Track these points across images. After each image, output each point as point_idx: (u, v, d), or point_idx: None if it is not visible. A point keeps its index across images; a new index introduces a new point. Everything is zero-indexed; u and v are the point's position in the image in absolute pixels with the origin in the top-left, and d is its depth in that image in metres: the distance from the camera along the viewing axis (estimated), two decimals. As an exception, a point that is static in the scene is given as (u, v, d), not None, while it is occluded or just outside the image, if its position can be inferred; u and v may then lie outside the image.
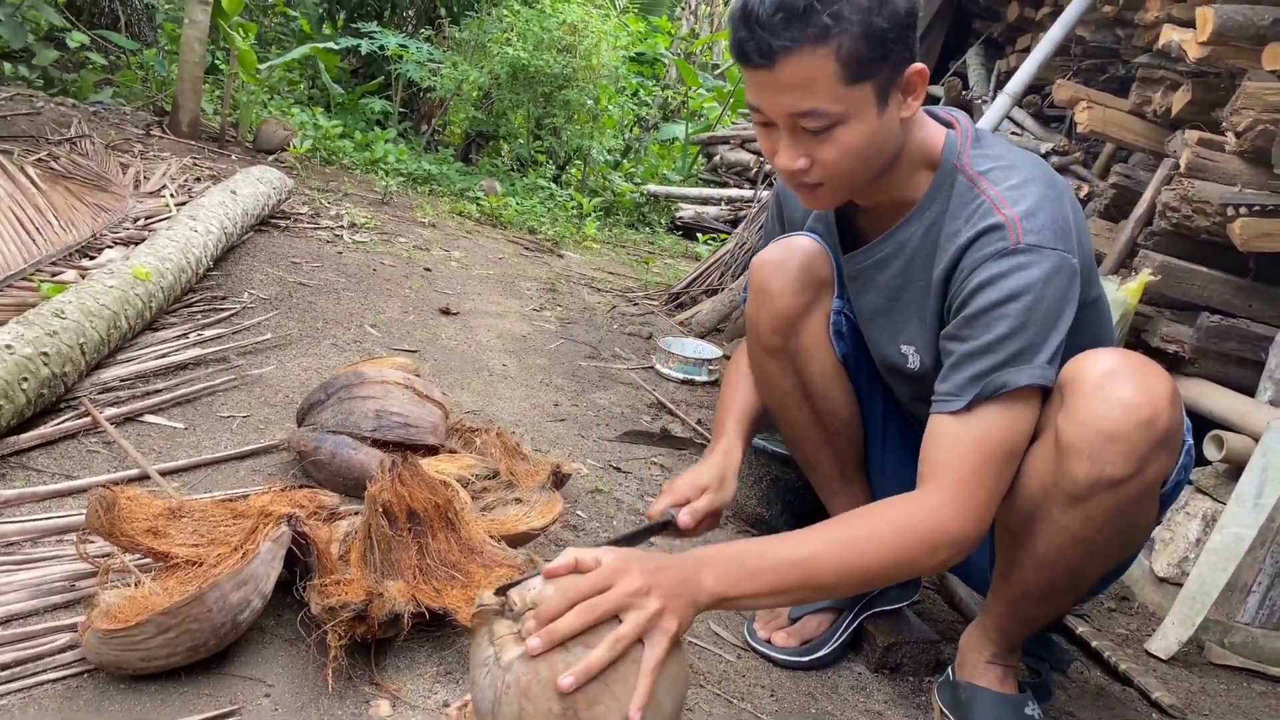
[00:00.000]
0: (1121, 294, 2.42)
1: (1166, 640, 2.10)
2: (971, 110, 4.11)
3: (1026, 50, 3.38)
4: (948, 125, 1.49)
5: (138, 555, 1.48)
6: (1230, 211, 2.47)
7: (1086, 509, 1.34)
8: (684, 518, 1.52)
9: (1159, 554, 2.33)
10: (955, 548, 1.27)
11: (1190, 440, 1.42)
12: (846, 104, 1.28)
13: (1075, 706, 1.79)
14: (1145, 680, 1.90)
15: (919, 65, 1.34)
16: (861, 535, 1.27)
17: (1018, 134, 3.74)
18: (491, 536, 1.70)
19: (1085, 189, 3.24)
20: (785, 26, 1.23)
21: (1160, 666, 2.05)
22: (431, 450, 2.04)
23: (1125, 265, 2.77)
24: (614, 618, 1.12)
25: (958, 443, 1.30)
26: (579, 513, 2.15)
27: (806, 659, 1.73)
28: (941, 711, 1.62)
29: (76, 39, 6.42)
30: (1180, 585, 2.18)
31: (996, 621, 1.57)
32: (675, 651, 1.15)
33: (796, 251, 1.66)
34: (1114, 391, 1.28)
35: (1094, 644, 2.00)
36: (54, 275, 2.58)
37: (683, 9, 12.19)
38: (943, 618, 2.05)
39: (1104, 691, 1.88)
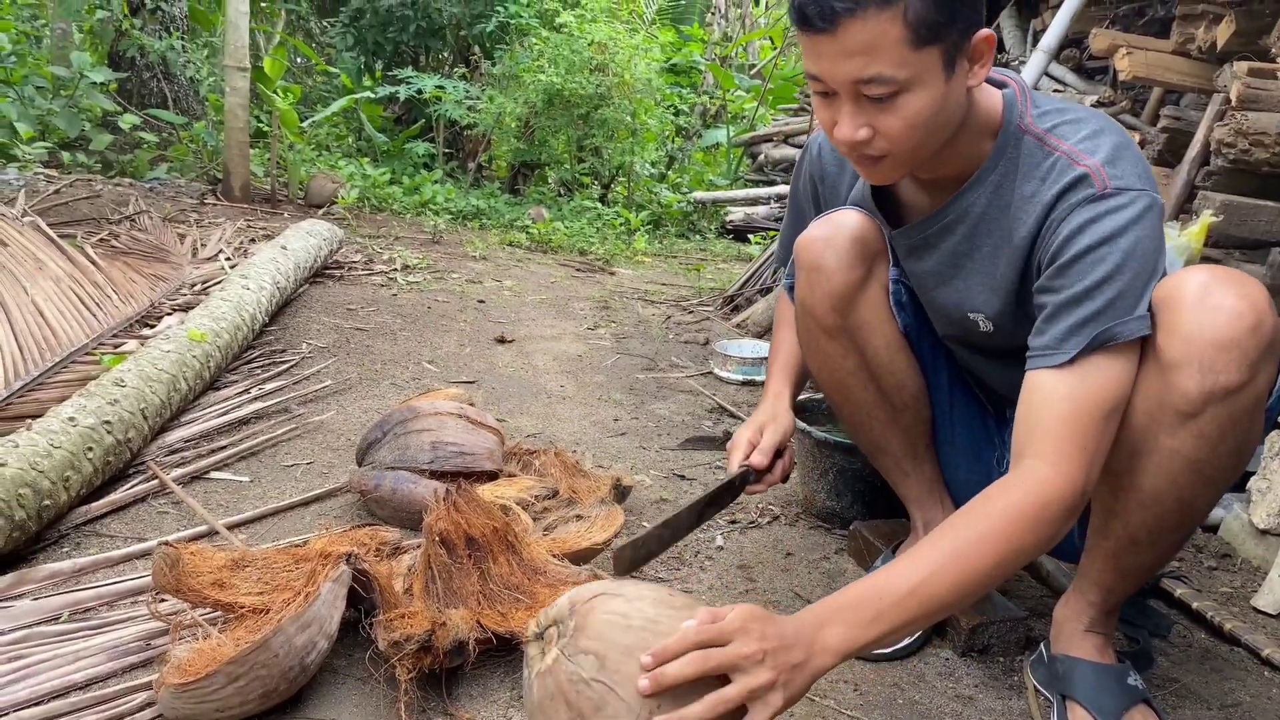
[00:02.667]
0: (1184, 239, 2.31)
1: (1275, 594, 1.98)
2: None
3: (1059, 6, 3.28)
4: (1000, 86, 1.43)
5: (206, 609, 1.50)
6: (1291, 139, 2.36)
7: (1200, 425, 1.27)
8: (756, 458, 1.56)
9: (1257, 505, 2.22)
10: (1069, 515, 1.21)
11: None
12: (913, 69, 1.22)
13: (1180, 672, 1.70)
14: (1254, 638, 1.79)
15: (987, 31, 1.27)
16: (972, 539, 1.19)
17: (1060, 90, 3.63)
18: (553, 555, 1.69)
19: (1137, 137, 3.13)
20: None
21: (1270, 622, 1.94)
22: (490, 476, 2.04)
23: (1185, 210, 2.66)
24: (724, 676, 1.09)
25: (1060, 402, 1.24)
26: (644, 523, 2.13)
27: (889, 649, 1.67)
28: (1036, 689, 1.55)
29: (128, 120, 6.66)
30: (1283, 536, 2.07)
31: (1098, 579, 1.48)
32: None
33: (845, 225, 1.60)
34: (1218, 300, 1.22)
35: (1195, 605, 1.90)
36: (115, 347, 2.66)
37: (713, 14, 12.17)
38: (1029, 594, 1.97)
39: (1210, 653, 1.78)
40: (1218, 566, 2.17)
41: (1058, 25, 3.01)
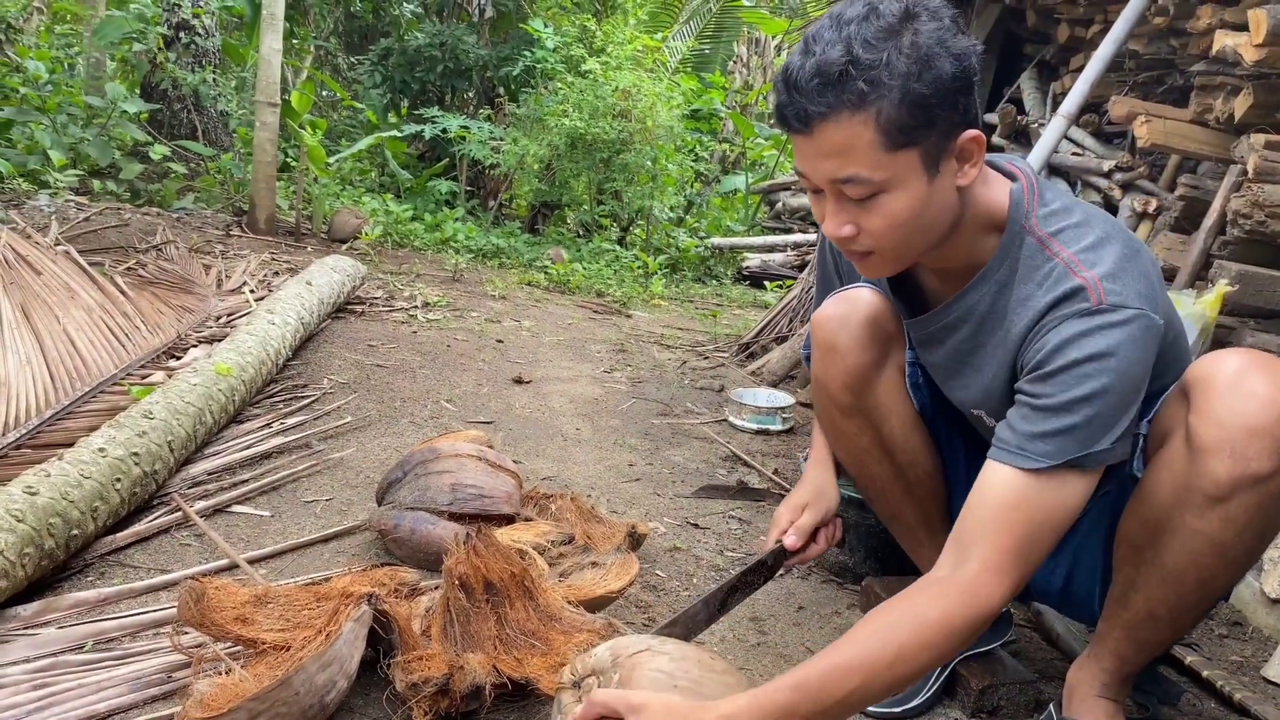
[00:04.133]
0: (1199, 307, 2.35)
1: (1285, 665, 1.99)
2: (1029, 136, 4.06)
3: (1080, 70, 3.33)
4: (1010, 176, 1.43)
5: (228, 644, 1.53)
6: (1306, 213, 2.39)
7: (1227, 510, 1.28)
8: (790, 539, 1.56)
9: (1269, 574, 2.23)
10: (994, 617, 1.26)
11: None
12: (889, 171, 1.23)
13: (1189, 741, 1.71)
14: (1263, 709, 1.80)
15: (974, 132, 1.27)
16: (904, 647, 1.21)
17: (1078, 154, 3.68)
18: (569, 602, 1.71)
19: (1153, 203, 3.17)
20: (821, 92, 1.20)
21: (1279, 694, 1.95)
22: (507, 519, 2.07)
23: (1200, 278, 2.69)
24: None
25: (1014, 510, 1.27)
26: (658, 572, 2.15)
27: (899, 710, 1.68)
28: (1044, 754, 1.56)
29: (158, 151, 6.78)
30: (1294, 606, 2.07)
31: (1114, 648, 1.49)
32: None
33: (860, 305, 1.61)
34: (1252, 386, 1.25)
35: (1205, 674, 1.90)
36: (143, 378, 2.71)
37: (735, 62, 12.35)
38: (1040, 657, 1.98)
39: (1219, 724, 1.79)
40: (1228, 635, 2.17)
41: (1078, 91, 3.06)
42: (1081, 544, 1.57)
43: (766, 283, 6.84)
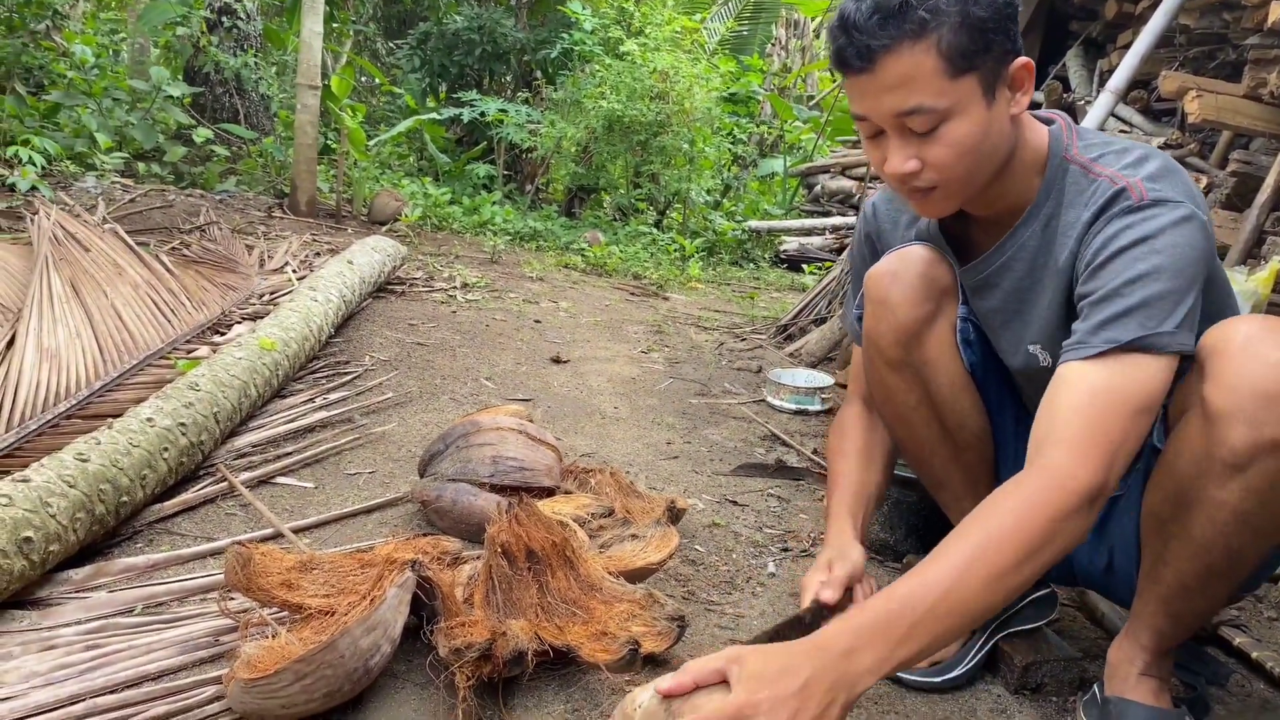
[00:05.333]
0: (1252, 284, 2.30)
1: (1337, 648, 1.95)
2: (1075, 113, 3.99)
3: (1128, 46, 3.26)
4: (1047, 123, 1.46)
5: (274, 608, 1.55)
6: (1364, 188, 2.33)
7: (1247, 479, 1.25)
8: (827, 594, 1.47)
9: (1320, 557, 2.18)
10: (1090, 502, 1.17)
11: None
12: (952, 98, 1.26)
13: (1237, 721, 1.68)
14: (1315, 691, 1.77)
15: (1024, 59, 1.31)
16: (994, 538, 1.14)
17: (1126, 131, 3.61)
18: (609, 573, 1.71)
19: (1204, 181, 3.10)
20: (882, 26, 1.23)
21: (1332, 676, 1.91)
22: (548, 492, 2.08)
23: (1253, 255, 2.63)
24: None
25: (1083, 394, 1.22)
26: (697, 547, 2.15)
27: (939, 679, 1.67)
28: (1089, 730, 1.54)
29: (201, 134, 6.86)
30: (1347, 588, 2.03)
31: (1149, 623, 1.47)
32: None
33: (914, 260, 1.60)
34: (1265, 351, 1.21)
35: (1255, 655, 1.87)
36: (189, 352, 2.75)
37: (773, 45, 12.26)
38: (1085, 635, 1.95)
39: (1269, 704, 1.75)
40: (1278, 618, 2.13)
41: (1126, 66, 3.01)
42: (1121, 522, 1.55)
43: (804, 265, 6.79)
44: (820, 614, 1.50)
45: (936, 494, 1.82)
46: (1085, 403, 1.22)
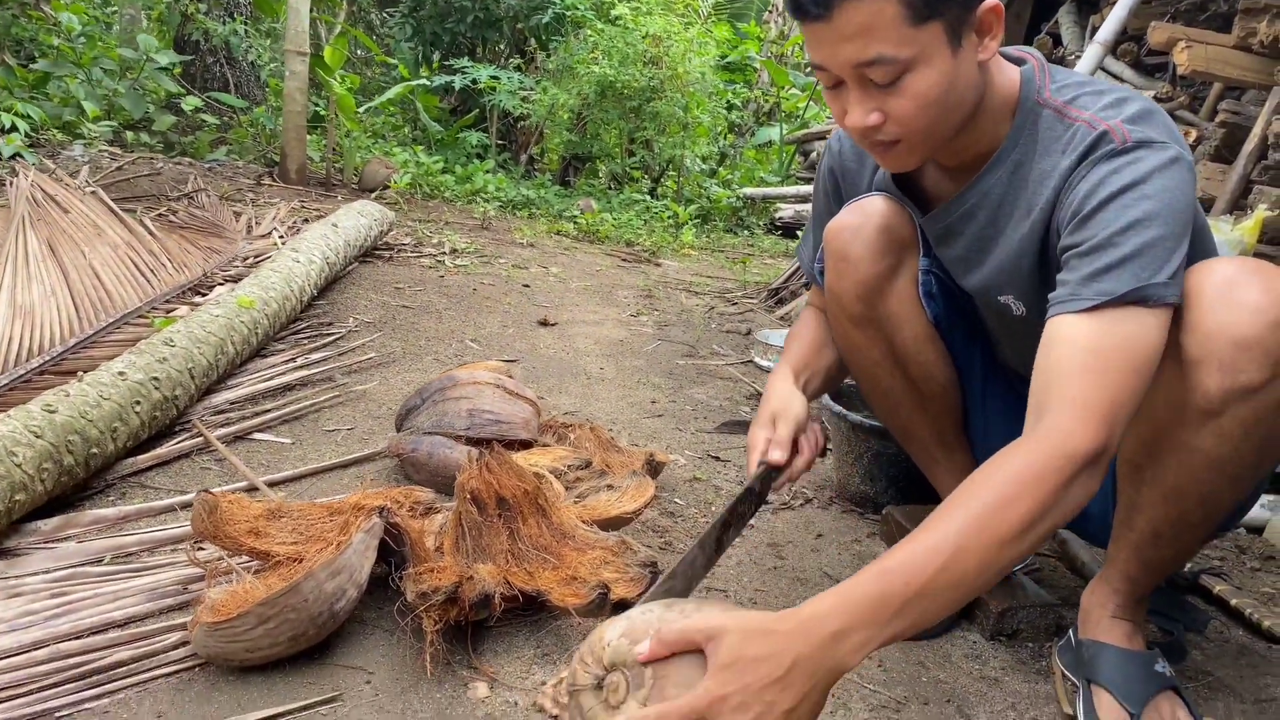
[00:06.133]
0: (1237, 233, 2.27)
1: (1319, 597, 1.94)
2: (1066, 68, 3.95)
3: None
4: (1018, 62, 1.40)
5: (243, 557, 1.53)
6: (1353, 136, 2.30)
7: (1220, 425, 1.23)
8: (773, 454, 1.46)
9: (1305, 508, 2.17)
10: (1093, 466, 1.10)
11: None
12: (914, 47, 1.18)
13: (1214, 666, 1.67)
14: (1294, 637, 1.76)
15: (993, 1, 1.23)
16: (992, 507, 1.06)
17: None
18: (583, 521, 1.70)
19: (1193, 134, 3.07)
20: None
21: (1312, 624, 1.90)
22: (525, 445, 2.06)
23: (1239, 206, 2.60)
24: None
25: (1081, 351, 1.16)
26: (677, 500, 2.14)
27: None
28: (1063, 674, 1.53)
29: (191, 103, 6.80)
30: (1331, 538, 2.02)
31: (1122, 569, 1.46)
32: None
33: (874, 214, 1.57)
34: (1240, 295, 1.18)
35: (1234, 602, 1.86)
36: (168, 311, 2.72)
37: (770, 12, 12.14)
38: (1065, 584, 1.94)
39: (1247, 650, 1.74)
40: (1261, 568, 2.12)
41: (1115, 17, 2.96)
42: None
43: (799, 233, 6.75)
44: (769, 476, 1.48)
45: (906, 445, 1.81)
46: (1084, 363, 1.15)
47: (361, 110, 7.07)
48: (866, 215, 1.58)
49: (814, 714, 0.98)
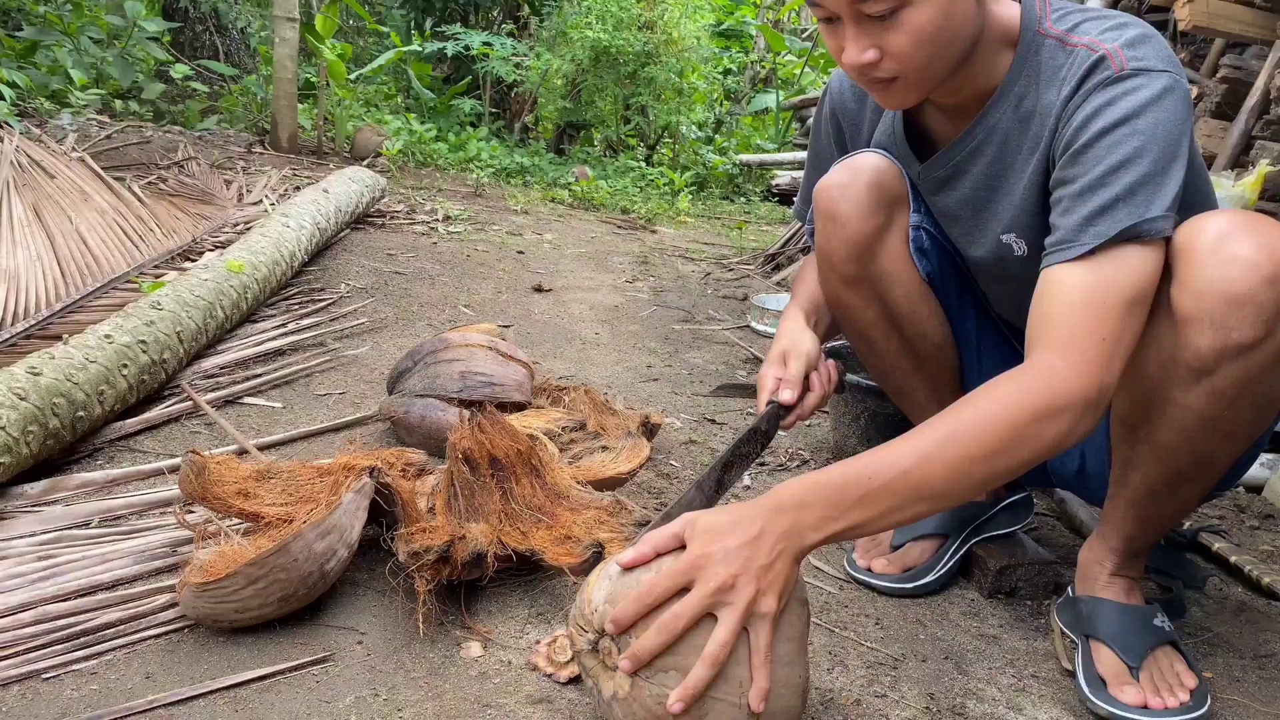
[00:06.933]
0: (1239, 189, 2.24)
1: (1319, 554, 1.93)
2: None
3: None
4: None
5: (232, 518, 1.51)
6: (1357, 90, 2.26)
7: (1213, 383, 1.21)
8: (785, 394, 1.45)
9: (1305, 466, 2.16)
10: (1078, 410, 1.10)
11: None
12: None
13: (1214, 622, 1.66)
14: (1294, 593, 1.75)
15: None
16: (966, 424, 1.09)
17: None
18: (578, 482, 1.68)
19: (1195, 91, 3.03)
20: None
21: (1312, 582, 1.89)
22: (518, 407, 2.04)
23: (1240, 162, 2.57)
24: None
25: (1074, 292, 1.15)
26: (673, 462, 2.12)
27: (910, 585, 1.65)
28: (1062, 631, 1.52)
29: (180, 71, 6.72)
30: (1331, 496, 2.01)
31: (1118, 528, 1.44)
32: (787, 606, 1.07)
33: (863, 171, 1.53)
34: (1233, 250, 1.15)
35: (1233, 559, 1.85)
36: (156, 276, 2.69)
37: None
38: (1063, 543, 1.93)
39: (1246, 606, 1.73)
40: (1260, 526, 2.11)
41: (1117, -28, 2.91)
42: None
43: (795, 199, 6.71)
44: (778, 416, 1.47)
45: (902, 405, 1.79)
46: (1077, 301, 1.15)
47: (353, 78, 6.99)
48: (855, 172, 1.54)
49: (786, 579, 1.05)
